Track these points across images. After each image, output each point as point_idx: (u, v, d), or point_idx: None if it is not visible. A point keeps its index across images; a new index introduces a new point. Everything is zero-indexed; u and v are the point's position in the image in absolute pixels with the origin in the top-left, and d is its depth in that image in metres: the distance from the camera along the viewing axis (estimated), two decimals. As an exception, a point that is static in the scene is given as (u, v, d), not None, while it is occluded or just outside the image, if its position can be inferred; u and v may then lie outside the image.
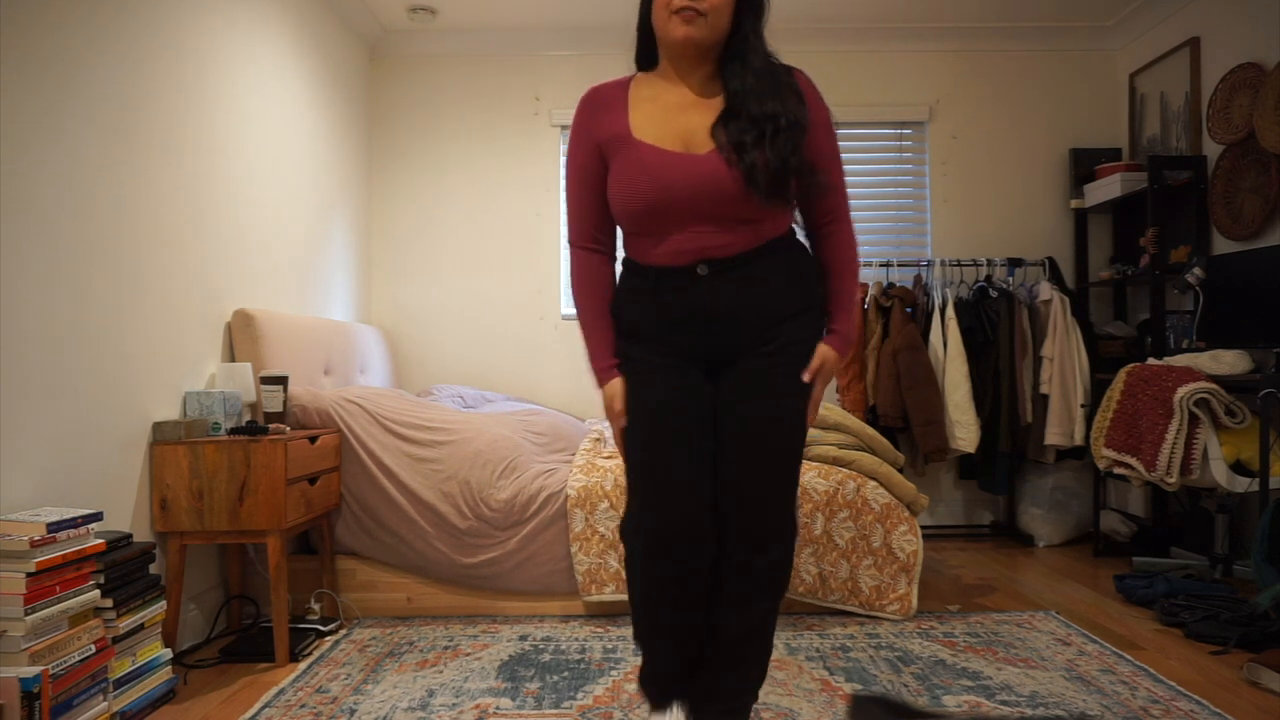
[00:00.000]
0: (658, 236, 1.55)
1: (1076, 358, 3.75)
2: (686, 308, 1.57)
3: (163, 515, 2.30)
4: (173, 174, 2.50)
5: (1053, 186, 4.26)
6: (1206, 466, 2.80)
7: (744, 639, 1.62)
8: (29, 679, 1.63)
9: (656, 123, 1.55)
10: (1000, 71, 4.28)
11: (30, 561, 1.70)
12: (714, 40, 1.53)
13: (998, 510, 4.16)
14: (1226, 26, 3.49)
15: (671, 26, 1.50)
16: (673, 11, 1.49)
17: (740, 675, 1.64)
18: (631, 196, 1.53)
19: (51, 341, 1.99)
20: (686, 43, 1.50)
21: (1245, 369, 2.91)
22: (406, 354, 4.28)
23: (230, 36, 2.86)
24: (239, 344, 2.76)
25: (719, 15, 1.50)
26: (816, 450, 2.86)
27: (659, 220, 1.53)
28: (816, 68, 4.27)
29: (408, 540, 2.71)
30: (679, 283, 1.56)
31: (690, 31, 1.49)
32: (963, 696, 2.05)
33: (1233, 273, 3.12)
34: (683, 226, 1.53)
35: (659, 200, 1.51)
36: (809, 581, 2.69)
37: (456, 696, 2.09)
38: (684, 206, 1.51)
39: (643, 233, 1.57)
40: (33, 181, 1.95)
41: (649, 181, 1.51)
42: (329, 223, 3.72)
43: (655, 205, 1.51)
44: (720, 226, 1.52)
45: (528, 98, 4.28)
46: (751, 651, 1.63)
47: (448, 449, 2.78)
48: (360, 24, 4.00)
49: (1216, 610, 2.54)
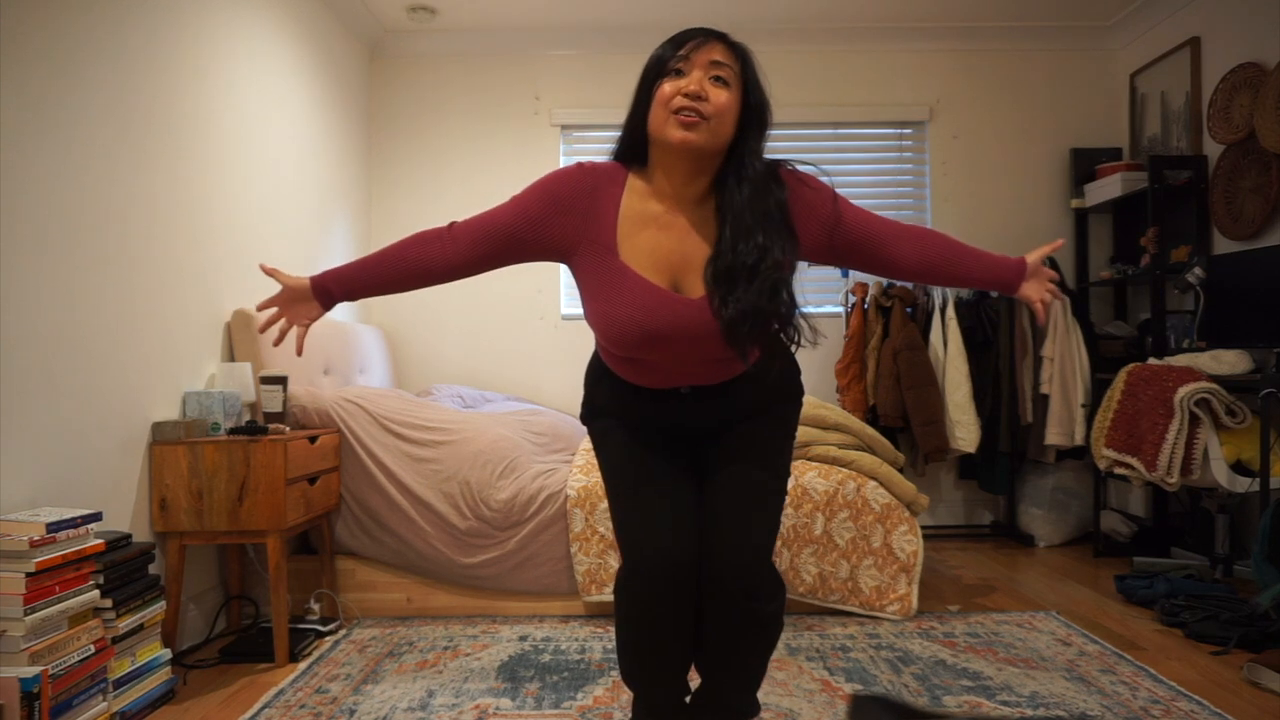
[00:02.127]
0: (640, 365, 1.49)
1: (1077, 358, 3.74)
2: (667, 414, 1.55)
3: (162, 515, 2.30)
4: (172, 174, 2.50)
5: (1053, 186, 4.26)
6: (1207, 466, 2.80)
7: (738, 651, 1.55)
8: (29, 679, 1.63)
9: (646, 249, 1.43)
10: (1000, 71, 4.28)
11: (30, 561, 1.70)
12: (714, 149, 1.39)
13: (998, 510, 4.16)
14: (1226, 26, 3.49)
15: (669, 129, 1.36)
16: (672, 111, 1.35)
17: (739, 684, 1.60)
18: (616, 328, 1.41)
19: (51, 341, 1.99)
20: (684, 147, 1.36)
21: (1245, 369, 2.91)
22: (406, 354, 4.28)
23: (230, 37, 2.86)
24: (238, 344, 2.76)
25: (721, 121, 1.37)
26: (816, 450, 2.86)
27: (644, 353, 1.44)
28: (816, 68, 4.27)
29: (408, 540, 2.71)
30: (660, 396, 1.53)
31: (689, 136, 1.34)
32: (963, 697, 2.05)
33: (1233, 273, 3.12)
34: (671, 364, 1.46)
35: (646, 340, 1.41)
36: (809, 581, 2.69)
37: (456, 697, 2.09)
38: (675, 349, 1.42)
39: (624, 358, 1.49)
40: (33, 182, 1.95)
41: (637, 324, 1.40)
42: (329, 222, 3.72)
43: (642, 344, 1.41)
44: (708, 365, 1.47)
45: (528, 98, 4.28)
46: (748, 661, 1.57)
47: (448, 449, 2.78)
48: (360, 24, 4.00)
49: (1217, 610, 2.53)
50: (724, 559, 1.47)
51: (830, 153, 4.31)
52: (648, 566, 1.45)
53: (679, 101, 1.35)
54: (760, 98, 1.44)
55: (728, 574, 1.46)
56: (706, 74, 1.37)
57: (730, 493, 1.52)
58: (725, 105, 1.37)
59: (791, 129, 4.30)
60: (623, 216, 1.44)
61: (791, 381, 1.62)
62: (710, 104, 1.35)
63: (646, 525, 1.48)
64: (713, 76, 1.37)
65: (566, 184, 1.46)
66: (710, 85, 1.36)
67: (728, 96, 1.37)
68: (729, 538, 1.48)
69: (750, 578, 1.47)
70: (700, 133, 1.35)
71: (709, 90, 1.36)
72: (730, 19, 4.07)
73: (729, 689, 1.58)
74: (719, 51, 1.39)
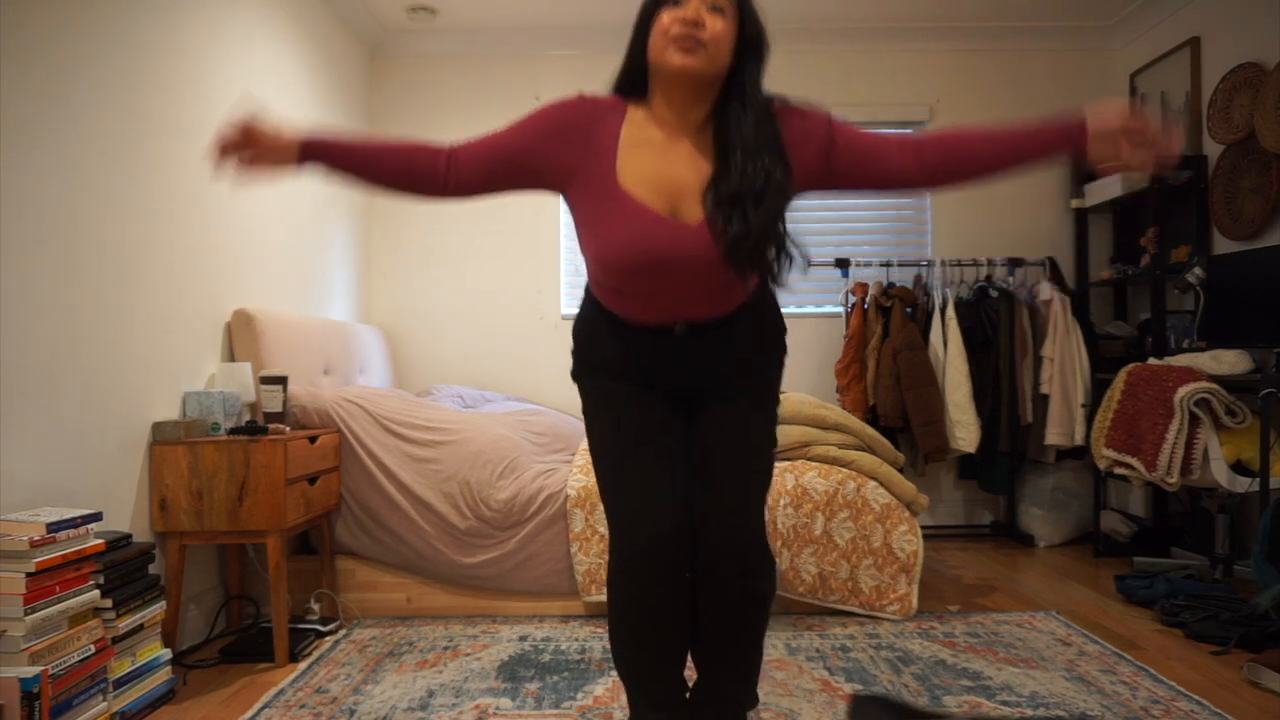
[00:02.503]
0: (636, 297, 1.49)
1: (1077, 358, 3.74)
2: (658, 356, 1.55)
3: (162, 515, 2.30)
4: (173, 174, 2.50)
5: (1053, 186, 4.26)
6: (1207, 466, 2.80)
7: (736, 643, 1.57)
8: (29, 679, 1.63)
9: (645, 174, 1.44)
10: (1000, 71, 4.28)
11: (30, 561, 1.70)
12: (712, 74, 1.42)
13: (998, 510, 4.16)
14: (1226, 26, 3.49)
15: (669, 55, 1.39)
16: (671, 39, 1.39)
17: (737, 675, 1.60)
18: (614, 253, 1.43)
19: (51, 341, 1.99)
20: (683, 73, 1.39)
21: (1245, 369, 2.91)
22: (406, 354, 4.28)
23: (231, 37, 2.86)
24: (239, 344, 2.76)
25: (718, 48, 1.40)
26: (816, 450, 2.86)
27: (640, 282, 1.46)
28: (816, 68, 4.27)
29: (408, 540, 2.71)
30: (654, 336, 1.54)
31: (689, 61, 1.38)
32: (963, 697, 2.05)
33: (1233, 273, 3.12)
34: (666, 293, 1.47)
35: (644, 266, 1.42)
36: (809, 581, 2.69)
37: (456, 697, 2.09)
38: (671, 277, 1.44)
39: (618, 288, 1.50)
40: (32, 182, 1.95)
41: (636, 249, 1.41)
42: (329, 222, 3.72)
43: (640, 271, 1.43)
44: (704, 295, 1.48)
45: (528, 98, 4.28)
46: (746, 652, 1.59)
47: (448, 449, 2.78)
48: (360, 24, 4.00)
49: (1217, 610, 2.53)
50: (723, 542, 1.49)
51: (830, 153, 4.31)
52: (649, 546, 1.46)
53: (677, 29, 1.38)
54: (756, 28, 1.46)
55: (726, 556, 1.49)
56: (703, 3, 1.40)
57: (726, 477, 1.53)
58: (722, 33, 1.40)
59: (791, 129, 4.29)
60: (622, 144, 1.46)
61: (779, 335, 1.65)
62: (707, 31, 1.39)
63: (646, 503, 1.48)
64: (710, 6, 1.40)
65: (568, 110, 1.49)
66: (707, 13, 1.40)
67: (724, 25, 1.41)
68: (728, 520, 1.50)
69: (749, 557, 1.50)
70: (699, 58, 1.38)
71: (706, 18, 1.39)
72: (730, 19, 4.07)
73: (727, 680, 1.59)
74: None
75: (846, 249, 4.26)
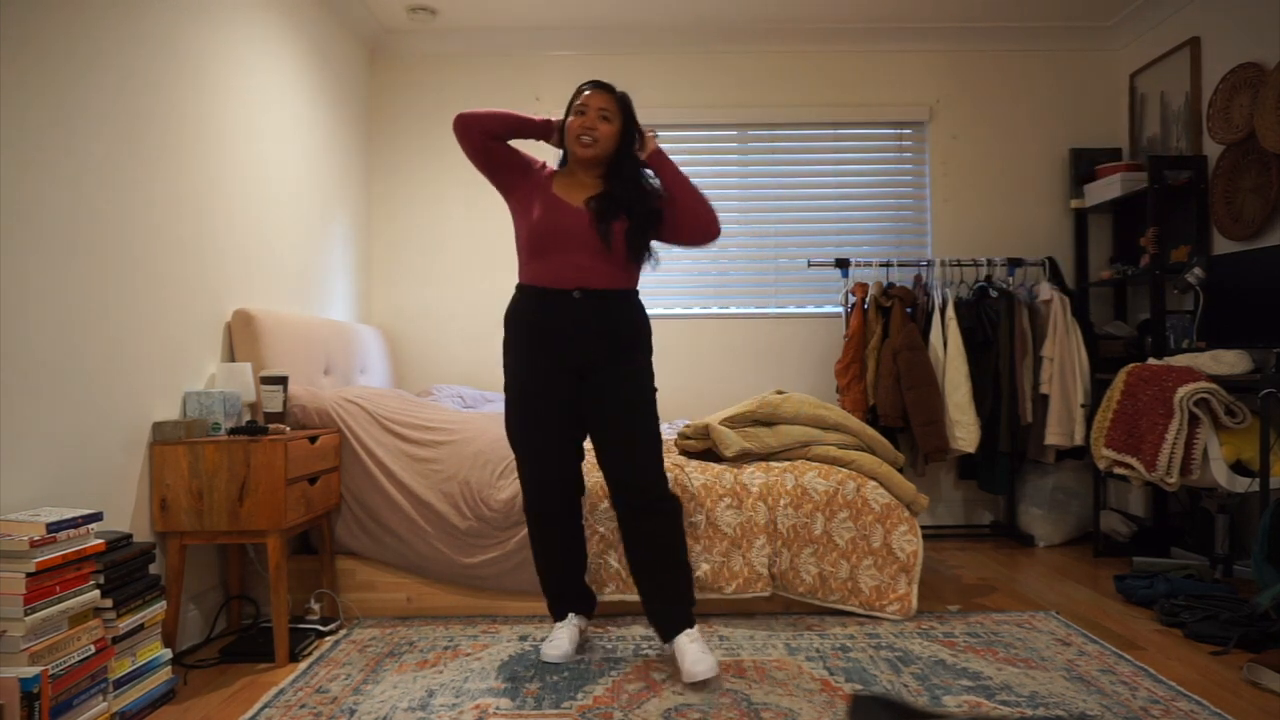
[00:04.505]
0: (546, 262, 2.23)
1: (1076, 358, 3.74)
2: (562, 322, 2.22)
3: (163, 515, 2.30)
4: (173, 174, 2.50)
5: (1053, 186, 4.26)
6: (1206, 466, 2.80)
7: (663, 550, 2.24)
8: (29, 679, 1.63)
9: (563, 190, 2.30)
10: (1000, 71, 4.28)
11: (30, 561, 1.70)
12: (601, 157, 2.28)
13: (998, 510, 4.16)
14: (1226, 26, 3.49)
15: (577, 147, 2.26)
16: (575, 136, 2.26)
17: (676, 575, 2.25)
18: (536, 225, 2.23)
19: (52, 342, 1.99)
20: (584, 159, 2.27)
21: (1245, 369, 2.91)
22: (406, 354, 4.28)
23: (230, 37, 2.86)
24: (239, 344, 2.76)
25: (606, 144, 2.26)
26: (817, 450, 2.86)
27: (548, 243, 2.22)
28: (816, 68, 4.27)
29: (408, 540, 2.71)
30: (558, 299, 2.22)
31: (585, 151, 2.25)
32: (963, 696, 2.05)
33: (1233, 273, 3.12)
34: (565, 257, 2.22)
35: (550, 233, 2.22)
36: (809, 581, 2.69)
37: (456, 696, 2.09)
38: (567, 241, 2.21)
39: (536, 254, 2.24)
40: (34, 183, 1.95)
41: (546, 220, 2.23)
42: (329, 223, 3.72)
43: (546, 235, 2.22)
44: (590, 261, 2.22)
45: (528, 98, 4.28)
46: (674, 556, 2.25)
47: (448, 449, 2.78)
48: (360, 24, 4.00)
49: (1216, 610, 2.54)
50: (635, 485, 2.23)
51: (830, 153, 4.32)
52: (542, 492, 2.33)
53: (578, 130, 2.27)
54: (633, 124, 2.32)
55: (640, 493, 2.23)
56: (597, 113, 2.26)
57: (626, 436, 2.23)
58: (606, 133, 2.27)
59: (791, 129, 4.30)
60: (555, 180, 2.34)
61: (645, 326, 2.32)
62: (598, 131, 2.26)
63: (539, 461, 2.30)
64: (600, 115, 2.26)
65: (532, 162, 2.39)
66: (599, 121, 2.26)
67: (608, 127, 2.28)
68: (637, 471, 2.23)
69: (655, 490, 2.24)
70: (593, 149, 2.27)
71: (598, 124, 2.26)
72: (730, 19, 4.08)
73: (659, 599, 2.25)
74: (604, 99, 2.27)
75: (846, 249, 4.27)
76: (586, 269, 2.21)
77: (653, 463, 2.24)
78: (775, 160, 4.31)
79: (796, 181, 4.31)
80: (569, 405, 2.26)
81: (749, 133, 4.32)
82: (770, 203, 4.30)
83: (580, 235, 2.20)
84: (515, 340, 2.28)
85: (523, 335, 2.26)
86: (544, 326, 2.23)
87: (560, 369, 2.24)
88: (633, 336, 2.27)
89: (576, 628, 2.41)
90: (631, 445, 2.22)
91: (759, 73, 4.26)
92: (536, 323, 2.24)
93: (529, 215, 2.25)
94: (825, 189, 4.31)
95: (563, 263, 2.21)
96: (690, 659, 2.12)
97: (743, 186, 4.31)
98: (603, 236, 2.19)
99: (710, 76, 4.26)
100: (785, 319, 4.27)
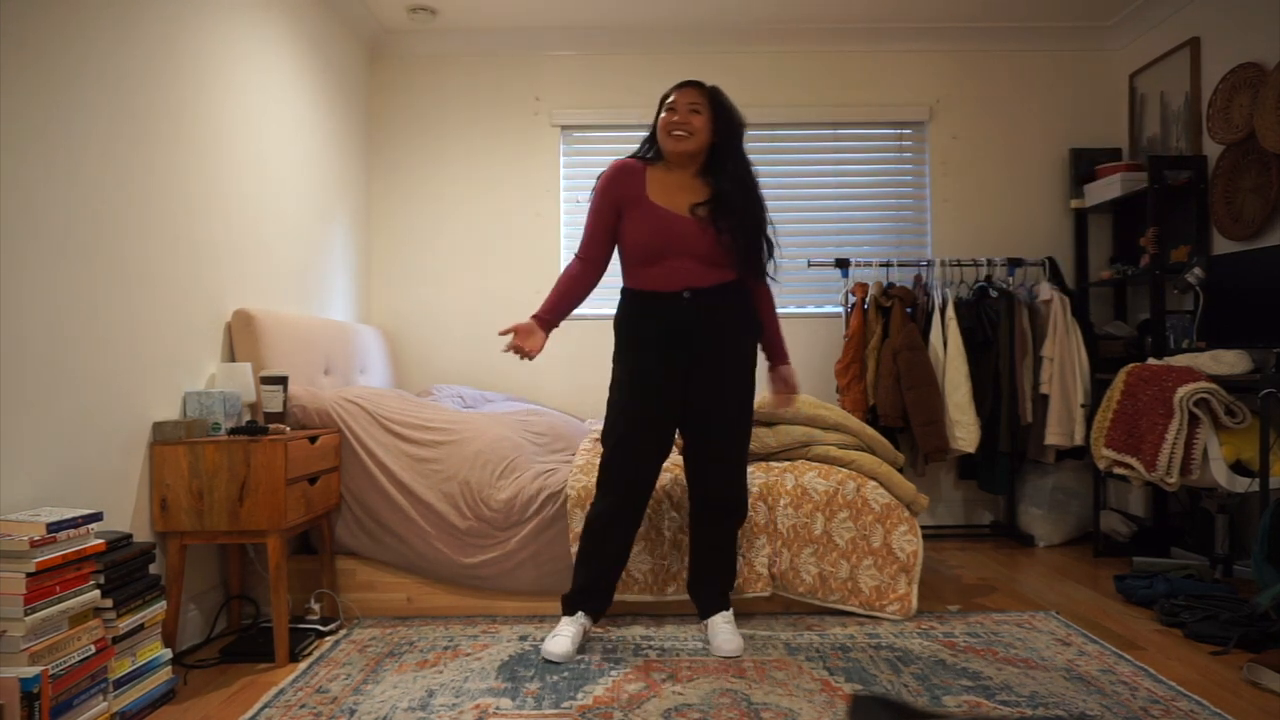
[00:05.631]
0: (655, 269, 2.33)
1: (1076, 358, 3.74)
2: (673, 320, 2.31)
3: (163, 515, 2.30)
4: (172, 174, 2.50)
5: (1053, 186, 4.26)
6: (1206, 466, 2.80)
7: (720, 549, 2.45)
8: (29, 679, 1.63)
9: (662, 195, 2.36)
10: (1000, 71, 4.28)
11: (30, 561, 1.70)
12: (697, 151, 2.36)
13: (998, 510, 4.16)
14: (1226, 26, 3.49)
15: (670, 141, 2.34)
16: (668, 132, 2.34)
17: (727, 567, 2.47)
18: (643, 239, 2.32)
19: (51, 341, 1.99)
20: (680, 151, 2.35)
21: (1245, 369, 2.91)
22: (406, 354, 4.28)
23: (230, 37, 2.86)
24: (239, 344, 2.76)
25: (700, 136, 2.34)
26: (817, 450, 2.86)
27: (657, 253, 2.31)
28: (816, 68, 4.27)
29: (408, 540, 2.71)
30: (668, 300, 2.32)
31: (682, 145, 2.34)
32: (963, 696, 2.05)
33: (1233, 273, 3.12)
34: (674, 263, 2.31)
35: (660, 244, 2.30)
36: (809, 581, 2.69)
37: (456, 696, 2.09)
38: (677, 248, 2.31)
39: (646, 263, 2.33)
40: (34, 182, 1.95)
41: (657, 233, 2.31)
42: (329, 223, 3.72)
43: (655, 246, 2.30)
44: (701, 266, 2.31)
45: (528, 98, 4.28)
46: (731, 553, 2.47)
47: (448, 449, 2.78)
48: (360, 24, 4.00)
49: (1216, 610, 2.54)
50: (718, 490, 2.39)
51: (830, 153, 4.32)
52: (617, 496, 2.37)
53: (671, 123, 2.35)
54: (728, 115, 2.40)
55: (718, 499, 2.40)
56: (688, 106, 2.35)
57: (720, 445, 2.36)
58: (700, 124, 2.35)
59: (792, 129, 4.30)
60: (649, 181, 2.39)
61: (753, 315, 2.42)
62: (691, 124, 2.34)
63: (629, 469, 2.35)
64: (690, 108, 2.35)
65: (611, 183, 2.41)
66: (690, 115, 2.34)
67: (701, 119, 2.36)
68: (722, 483, 2.39)
69: (732, 500, 2.41)
70: (688, 143, 2.35)
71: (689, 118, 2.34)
72: (730, 19, 4.07)
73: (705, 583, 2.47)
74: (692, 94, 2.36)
75: (846, 249, 4.27)
76: (695, 271, 2.31)
77: (741, 488, 2.43)
78: (775, 160, 4.30)
79: (796, 181, 4.31)
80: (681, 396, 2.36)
81: (749, 132, 4.31)
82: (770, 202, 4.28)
83: (688, 239, 2.30)
84: (627, 342, 2.38)
85: (633, 343, 2.36)
86: (657, 330, 2.33)
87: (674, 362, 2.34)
88: (737, 322, 2.37)
89: (582, 627, 2.41)
90: (725, 459, 2.39)
91: (759, 73, 4.26)
92: (646, 326, 2.34)
93: (634, 229, 2.33)
94: (825, 189, 4.31)
95: (670, 272, 2.31)
96: (722, 637, 2.36)
97: (743, 186, 4.31)
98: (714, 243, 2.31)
99: (710, 76, 4.25)
100: (785, 319, 4.27)
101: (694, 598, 2.50)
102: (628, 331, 2.37)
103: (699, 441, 2.37)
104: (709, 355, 2.32)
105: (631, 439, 2.33)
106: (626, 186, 2.35)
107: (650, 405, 2.32)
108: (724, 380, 2.33)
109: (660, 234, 2.28)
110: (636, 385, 2.32)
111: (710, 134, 2.34)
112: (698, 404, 2.34)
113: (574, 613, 2.43)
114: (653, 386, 2.31)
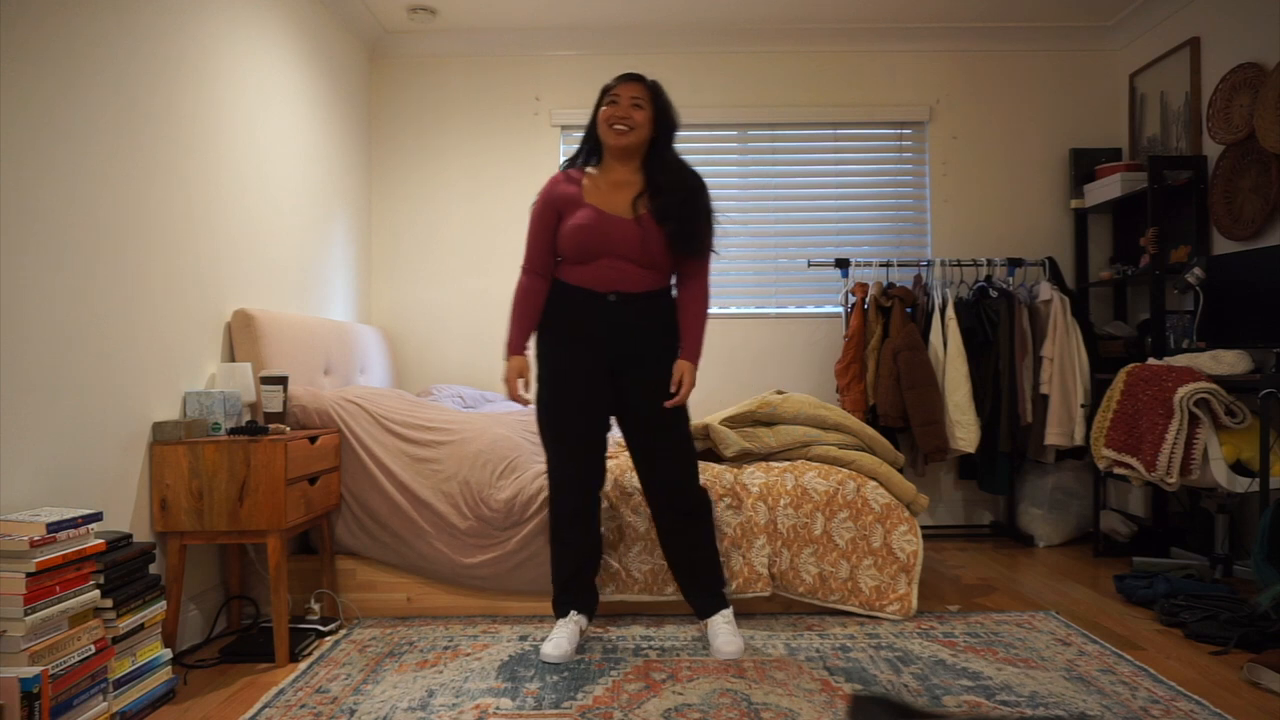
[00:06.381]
0: (586, 268, 2.33)
1: (1076, 358, 3.74)
2: (599, 322, 2.33)
3: (163, 515, 2.30)
4: (173, 174, 2.50)
5: (1053, 186, 4.26)
6: (1206, 466, 2.80)
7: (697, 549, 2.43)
8: (29, 679, 1.63)
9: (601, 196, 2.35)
10: (1000, 71, 4.28)
11: (30, 561, 1.70)
12: (638, 145, 2.35)
13: (998, 510, 4.16)
14: (1226, 26, 3.49)
15: (611, 136, 2.32)
16: (610, 125, 2.32)
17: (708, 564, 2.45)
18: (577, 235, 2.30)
19: (52, 341, 1.99)
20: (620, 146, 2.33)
21: (1245, 369, 2.91)
22: (406, 354, 4.28)
23: (230, 37, 2.86)
24: (239, 344, 2.76)
25: (642, 131, 2.34)
26: (817, 450, 2.86)
27: (590, 252, 2.30)
28: (816, 68, 4.27)
29: (408, 540, 2.71)
30: (595, 300, 2.33)
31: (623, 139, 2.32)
32: (963, 696, 2.05)
33: (1233, 273, 3.12)
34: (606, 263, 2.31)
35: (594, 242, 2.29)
36: (809, 581, 2.69)
37: (456, 696, 2.09)
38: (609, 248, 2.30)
39: (578, 262, 2.33)
40: (34, 182, 1.95)
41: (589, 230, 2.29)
42: (329, 223, 3.72)
43: (590, 244, 2.30)
44: (630, 269, 2.31)
45: (528, 98, 4.28)
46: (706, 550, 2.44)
47: (448, 449, 2.78)
48: (360, 24, 4.00)
49: (1217, 610, 2.54)
50: (669, 494, 2.40)
51: (830, 153, 4.32)
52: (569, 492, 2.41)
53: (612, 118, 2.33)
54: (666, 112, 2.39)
55: (673, 503, 2.40)
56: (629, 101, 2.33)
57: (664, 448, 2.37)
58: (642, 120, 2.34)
59: (792, 129, 4.30)
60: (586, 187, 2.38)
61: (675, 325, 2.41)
62: (633, 119, 2.32)
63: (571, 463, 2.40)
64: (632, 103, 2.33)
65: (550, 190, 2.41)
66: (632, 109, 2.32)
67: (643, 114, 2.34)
68: (674, 487, 2.39)
69: (688, 500, 2.40)
70: (628, 137, 2.33)
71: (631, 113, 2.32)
72: (730, 20, 4.07)
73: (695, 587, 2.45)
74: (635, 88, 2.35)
75: (846, 249, 4.27)
76: (625, 273, 2.31)
77: (687, 460, 2.41)
78: (775, 160, 4.31)
79: (796, 181, 4.31)
80: (609, 398, 2.38)
81: (749, 133, 4.32)
82: (770, 203, 4.30)
83: (620, 238, 2.29)
84: (548, 343, 2.39)
85: (555, 341, 2.37)
86: (585, 332, 2.34)
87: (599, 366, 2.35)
88: (661, 331, 2.38)
89: (577, 626, 2.41)
90: (670, 458, 2.39)
91: (759, 73, 4.26)
92: (572, 325, 2.35)
93: (569, 227, 2.32)
94: (825, 189, 4.31)
95: (601, 272, 2.31)
96: (721, 639, 2.34)
97: (743, 186, 4.31)
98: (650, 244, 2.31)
99: (710, 76, 4.26)
100: (785, 319, 4.27)
101: (689, 601, 2.48)
102: (551, 322, 2.38)
103: (644, 449, 2.39)
104: (634, 361, 2.34)
105: (567, 436, 2.36)
106: (565, 192, 2.37)
107: (576, 395, 2.34)
108: (655, 385, 2.34)
109: (595, 234, 2.28)
110: (559, 381, 2.35)
111: (650, 129, 2.35)
112: (634, 411, 2.36)
113: (565, 614, 2.44)
114: (577, 377, 2.34)
